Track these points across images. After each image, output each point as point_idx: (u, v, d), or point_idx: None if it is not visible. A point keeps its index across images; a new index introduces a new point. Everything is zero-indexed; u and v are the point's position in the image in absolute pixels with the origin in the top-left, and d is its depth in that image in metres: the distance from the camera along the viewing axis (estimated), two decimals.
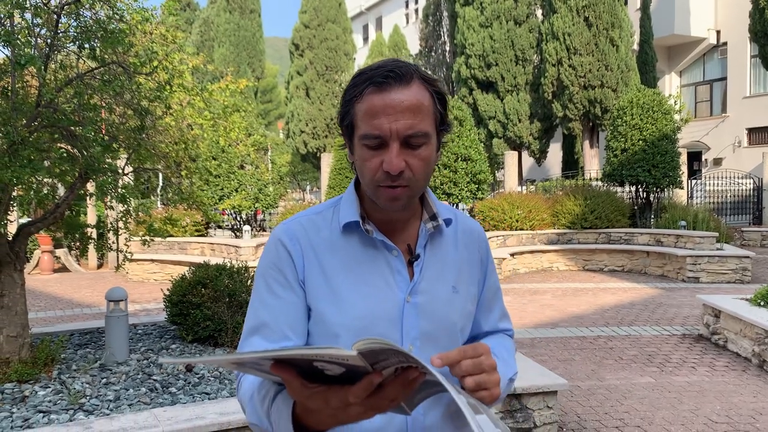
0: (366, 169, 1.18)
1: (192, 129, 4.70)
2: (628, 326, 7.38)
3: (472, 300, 1.34)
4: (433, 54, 28.38)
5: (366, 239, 1.25)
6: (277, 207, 14.42)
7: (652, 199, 13.84)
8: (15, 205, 4.42)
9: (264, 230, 15.05)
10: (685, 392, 5.00)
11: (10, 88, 3.73)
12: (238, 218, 13.86)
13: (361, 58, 33.36)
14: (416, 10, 35.08)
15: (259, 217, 15.02)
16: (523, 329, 7.29)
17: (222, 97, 4.73)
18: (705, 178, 19.57)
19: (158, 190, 13.13)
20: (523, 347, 6.39)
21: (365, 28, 40.50)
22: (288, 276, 1.24)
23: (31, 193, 3.71)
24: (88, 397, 3.77)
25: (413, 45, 31.01)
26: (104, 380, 4.09)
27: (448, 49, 27.67)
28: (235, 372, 1.22)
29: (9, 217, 4.42)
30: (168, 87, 4.03)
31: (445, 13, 27.27)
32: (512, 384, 1.33)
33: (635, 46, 22.11)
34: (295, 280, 1.24)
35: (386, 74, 1.16)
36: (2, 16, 3.59)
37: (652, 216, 13.63)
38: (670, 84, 25.35)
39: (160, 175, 9.31)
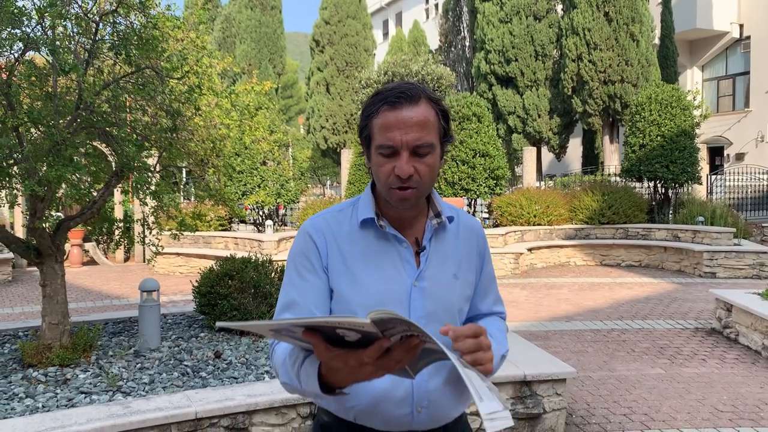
0: (381, 174, 1.43)
1: (219, 129, 4.96)
2: (642, 320, 7.52)
3: (470, 286, 1.59)
4: (452, 49, 28.48)
5: (380, 233, 1.49)
6: (298, 202, 14.70)
7: (670, 194, 13.87)
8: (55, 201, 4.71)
9: (285, 225, 15.35)
10: (693, 383, 5.16)
11: (52, 92, 3.99)
12: (261, 213, 14.16)
13: (381, 54, 33.52)
14: (436, 6, 35.13)
15: (281, 212, 15.32)
16: (538, 322, 7.47)
17: (248, 98, 4.98)
18: (726, 173, 19.47)
19: (181, 186, 13.48)
20: (537, 339, 6.58)
21: (385, 23, 40.61)
22: (314, 262, 1.48)
23: (73, 190, 3.98)
24: (124, 380, 4.04)
25: (433, 40, 31.10)
26: (139, 365, 4.37)
27: (467, 44, 27.74)
28: (269, 341, 1.47)
29: (47, 213, 4.70)
30: (198, 90, 4.29)
31: (465, 9, 27.34)
32: (504, 360, 1.56)
33: (656, 41, 22.02)
34: (320, 266, 1.48)
35: (399, 95, 1.41)
36: (46, 25, 3.86)
37: (671, 212, 13.67)
38: (692, 78, 25.17)
39: (183, 171, 9.61)
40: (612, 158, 20.33)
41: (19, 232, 11.61)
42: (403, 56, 16.74)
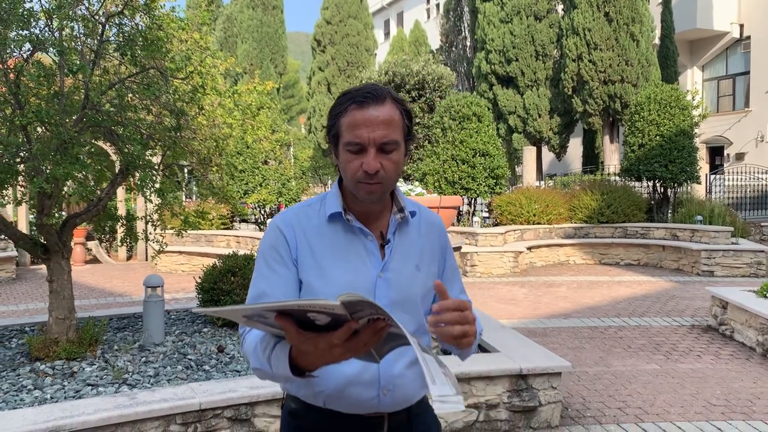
0: (349, 170, 1.51)
1: (222, 128, 5.05)
2: (639, 317, 7.61)
3: (432, 277, 1.67)
4: (453, 49, 28.56)
5: (347, 227, 1.58)
6: (299, 201, 14.80)
7: (669, 194, 13.95)
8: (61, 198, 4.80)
9: None
10: (688, 378, 5.25)
11: (60, 92, 4.09)
12: (262, 212, 14.26)
13: (382, 54, 33.61)
14: (437, 6, 35.22)
15: (282, 210, 15.41)
16: (536, 320, 7.56)
17: (250, 98, 5.08)
18: (726, 173, 19.55)
19: (184, 184, 13.58)
20: (535, 336, 6.66)
21: (386, 23, 40.71)
22: (283, 255, 1.56)
23: (80, 187, 4.08)
24: (130, 374, 4.14)
25: (434, 40, 31.19)
26: (144, 359, 4.47)
27: (468, 44, 27.82)
28: (240, 330, 1.54)
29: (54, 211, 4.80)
30: (202, 90, 4.38)
31: (466, 9, 27.42)
32: (480, 337, 1.61)
33: (656, 41, 22.09)
34: (289, 258, 1.56)
35: (366, 94, 1.50)
36: (54, 26, 3.96)
37: (670, 211, 13.76)
38: (692, 78, 25.24)
39: (185, 169, 9.71)
40: (612, 158, 20.41)
41: (23, 230, 11.70)
42: (403, 56, 16.83)
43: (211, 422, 3.50)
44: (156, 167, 4.80)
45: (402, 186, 5.37)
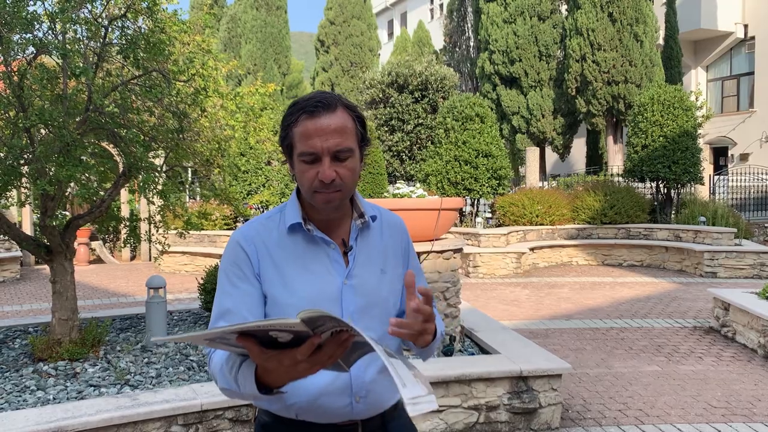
0: (305, 180, 1.50)
1: (224, 130, 5.08)
2: (641, 318, 7.61)
3: (399, 278, 1.66)
4: (457, 50, 28.57)
5: (308, 237, 1.56)
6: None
7: (672, 195, 13.94)
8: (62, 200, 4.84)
9: None
10: (689, 380, 5.25)
11: (63, 94, 4.12)
12: (265, 212, 14.29)
13: (386, 54, 33.63)
14: (441, 6, 35.20)
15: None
16: (538, 321, 7.57)
17: (252, 100, 5.10)
18: (730, 173, 19.51)
19: (188, 185, 13.62)
20: (537, 337, 6.67)
21: (390, 23, 40.72)
22: (245, 271, 1.54)
23: (83, 189, 4.10)
24: (132, 374, 4.17)
25: (437, 40, 31.19)
26: (146, 360, 4.49)
27: (472, 44, 27.83)
28: (206, 350, 1.53)
29: (57, 212, 4.83)
30: (204, 92, 4.41)
31: (470, 9, 27.43)
32: (441, 336, 1.61)
33: (660, 41, 22.06)
34: (252, 274, 1.54)
35: (316, 104, 1.48)
36: (57, 30, 3.99)
37: (673, 212, 13.74)
38: (696, 79, 25.20)
39: (189, 171, 9.73)
40: (616, 158, 20.39)
41: (27, 231, 11.75)
42: (406, 57, 16.85)
43: (213, 423, 3.52)
44: (159, 169, 4.83)
45: (403, 188, 5.38)
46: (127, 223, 5.76)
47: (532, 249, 12.09)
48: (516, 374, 4.11)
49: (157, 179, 4.65)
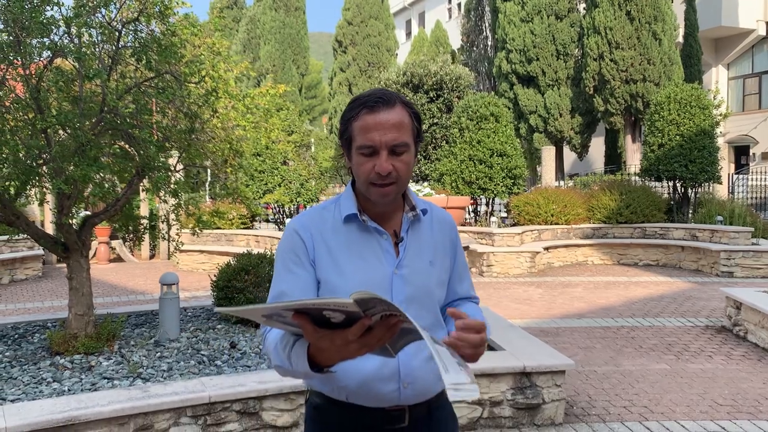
0: (362, 172, 1.59)
1: (236, 130, 5.19)
2: (653, 317, 7.60)
3: (445, 271, 1.76)
4: (474, 49, 28.56)
5: (362, 227, 1.66)
6: (318, 201, 14.97)
7: (689, 194, 13.84)
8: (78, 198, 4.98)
9: None
10: (696, 378, 5.26)
11: (78, 96, 4.26)
12: (282, 212, 14.45)
13: (404, 54, 33.68)
14: (459, 5, 35.19)
15: (302, 210, 15.60)
16: (549, 319, 7.59)
17: (263, 101, 5.22)
18: (751, 172, 19.29)
19: (207, 185, 13.81)
20: (547, 335, 6.70)
21: (408, 23, 40.79)
22: (301, 257, 1.65)
23: (97, 188, 4.24)
24: (145, 368, 4.29)
25: (455, 40, 31.19)
26: (158, 354, 4.62)
27: (490, 43, 27.80)
28: (261, 329, 1.63)
29: (73, 210, 4.98)
30: (215, 94, 4.52)
31: (487, 8, 27.40)
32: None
33: (680, 39, 21.87)
34: (307, 260, 1.64)
35: (376, 99, 1.58)
36: (73, 33, 4.12)
37: (690, 211, 13.64)
38: (717, 77, 24.94)
39: (209, 171, 9.90)
40: (634, 157, 20.26)
41: (48, 229, 12.02)
42: (422, 57, 16.90)
43: (220, 415, 3.63)
44: (172, 168, 4.95)
45: (411, 186, 5.46)
46: (143, 222, 5.91)
47: (546, 248, 12.08)
48: (519, 370, 4.17)
49: (169, 178, 4.77)
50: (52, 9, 4.14)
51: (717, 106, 13.58)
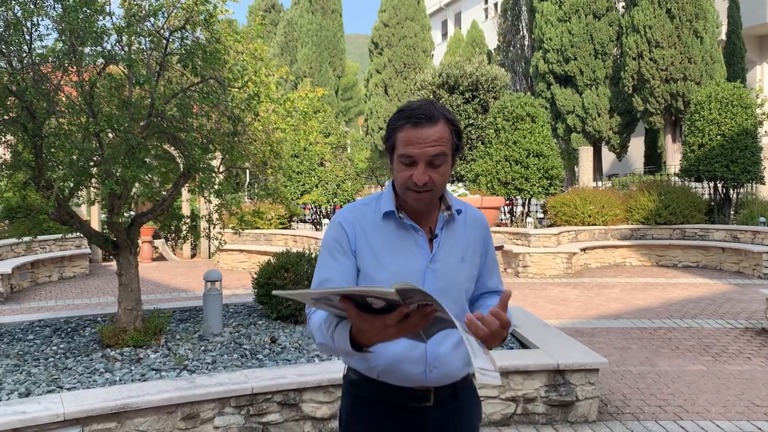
0: (400, 178, 1.75)
1: (276, 133, 5.37)
2: (691, 319, 7.54)
3: (476, 267, 1.91)
4: (511, 49, 28.42)
5: (400, 223, 1.81)
6: (353, 201, 15.15)
7: (731, 194, 13.59)
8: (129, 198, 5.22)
9: None
10: (734, 379, 5.23)
11: (128, 101, 4.48)
12: (318, 212, 14.67)
13: (440, 55, 33.69)
14: (495, 5, 35.03)
15: (342, 208, 15.81)
16: (585, 320, 7.60)
17: (302, 104, 5.39)
18: None
19: (246, 186, 14.11)
20: (582, 336, 6.72)
21: (444, 24, 40.74)
22: (344, 246, 1.80)
23: (146, 189, 4.45)
24: (190, 360, 4.49)
25: (491, 40, 31.07)
26: (203, 348, 4.81)
27: (527, 43, 27.63)
28: (306, 310, 1.78)
29: (123, 210, 5.21)
30: (257, 98, 4.70)
31: (524, 8, 27.25)
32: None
33: (722, 37, 21.43)
34: (349, 249, 1.80)
35: (419, 116, 1.71)
36: (124, 42, 4.34)
37: (732, 212, 13.40)
38: (762, 75, 24.32)
39: (248, 172, 10.14)
40: (674, 157, 19.93)
41: (95, 228, 12.44)
42: (457, 58, 16.94)
43: (262, 405, 3.79)
44: (215, 170, 5.15)
45: (447, 186, 5.53)
46: (188, 221, 6.14)
47: (583, 249, 12.01)
48: (553, 368, 4.23)
49: (213, 179, 4.97)
50: (104, 19, 4.37)
51: (760, 105, 13.30)
